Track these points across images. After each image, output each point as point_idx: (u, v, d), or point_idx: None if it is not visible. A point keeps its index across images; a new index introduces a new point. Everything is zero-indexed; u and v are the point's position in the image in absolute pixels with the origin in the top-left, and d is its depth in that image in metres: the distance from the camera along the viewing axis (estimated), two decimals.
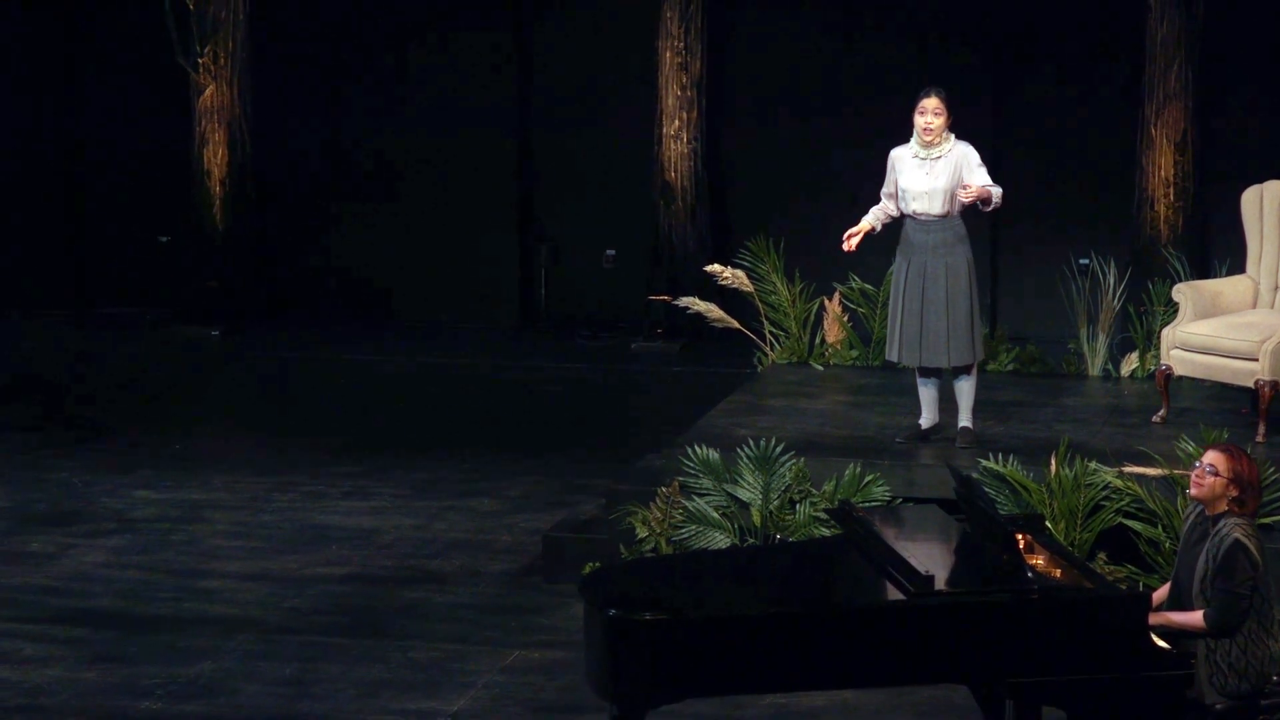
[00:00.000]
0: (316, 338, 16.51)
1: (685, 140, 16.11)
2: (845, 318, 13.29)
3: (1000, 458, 10.35)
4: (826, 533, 9.94)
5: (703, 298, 13.71)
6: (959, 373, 10.85)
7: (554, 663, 9.24)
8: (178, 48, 16.46)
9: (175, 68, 16.57)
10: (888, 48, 16.00)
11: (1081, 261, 13.70)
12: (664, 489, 10.37)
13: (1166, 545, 9.81)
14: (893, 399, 11.96)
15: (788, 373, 12.98)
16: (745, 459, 10.40)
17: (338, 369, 15.54)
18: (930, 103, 10.62)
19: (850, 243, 10.89)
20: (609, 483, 10.93)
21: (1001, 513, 8.64)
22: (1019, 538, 7.48)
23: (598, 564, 9.78)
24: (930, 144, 10.62)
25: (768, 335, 13.27)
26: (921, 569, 7.02)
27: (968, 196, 10.51)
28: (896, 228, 10.87)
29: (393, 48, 16.93)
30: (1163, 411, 11.46)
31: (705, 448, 10.53)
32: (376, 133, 17.02)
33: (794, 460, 10.39)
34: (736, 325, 13.41)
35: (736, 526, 10.27)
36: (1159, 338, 11.75)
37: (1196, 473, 7.42)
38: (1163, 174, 15.05)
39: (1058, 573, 7.40)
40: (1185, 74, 14.98)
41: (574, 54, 16.70)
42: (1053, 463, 10.15)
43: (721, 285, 13.34)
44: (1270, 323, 11.32)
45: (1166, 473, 10.14)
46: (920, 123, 10.63)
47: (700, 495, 10.38)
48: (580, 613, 7.24)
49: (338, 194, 17.15)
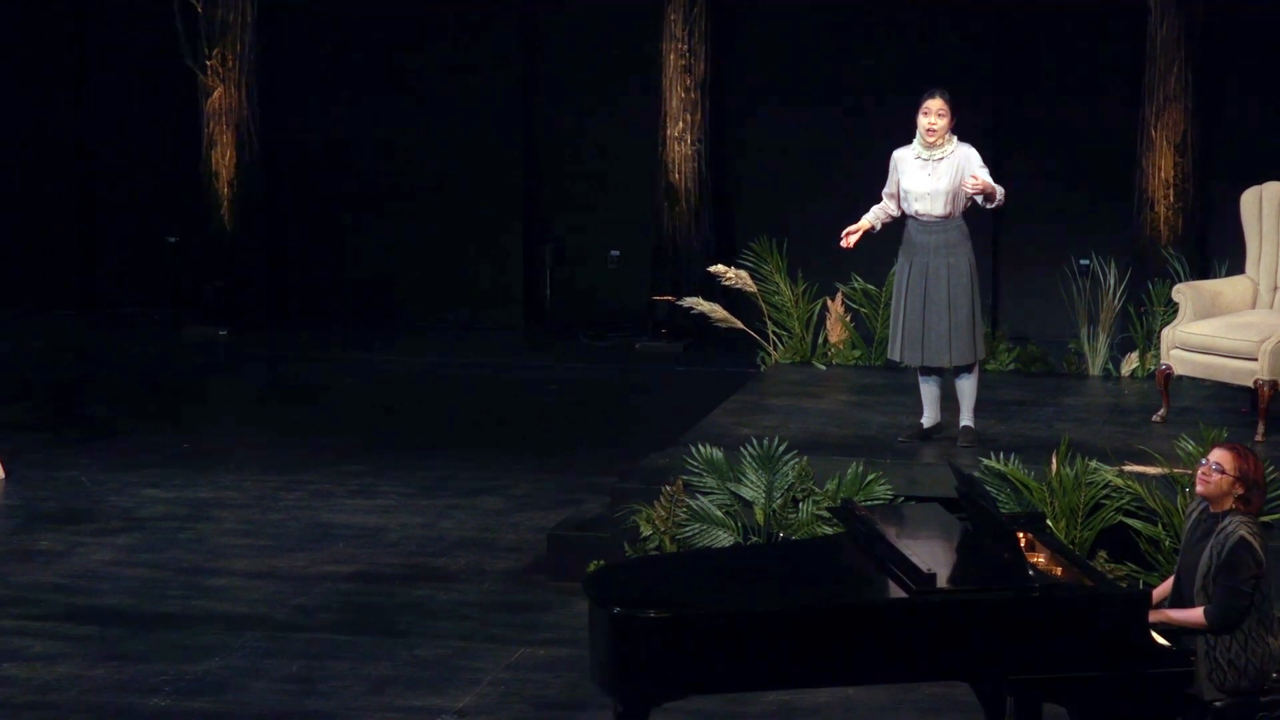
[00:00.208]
0: (323, 338, 16.55)
1: (689, 142, 16.15)
2: (848, 318, 13.31)
3: (1001, 456, 10.36)
4: (829, 531, 9.94)
5: (706, 298, 13.75)
6: (960, 372, 10.84)
7: (559, 660, 9.27)
8: (186, 50, 16.53)
9: (184, 70, 16.63)
10: (890, 50, 16.04)
11: (1082, 262, 13.73)
12: (668, 488, 10.39)
13: (1166, 543, 9.83)
14: (895, 398, 11.97)
15: (791, 372, 13.00)
16: (749, 458, 10.42)
17: (344, 369, 15.57)
18: (934, 104, 10.61)
19: (848, 239, 10.88)
20: (613, 481, 10.96)
21: (1003, 511, 8.64)
22: (1020, 536, 7.51)
23: (602, 562, 9.77)
24: (933, 145, 10.62)
25: (771, 335, 13.29)
26: (923, 567, 7.03)
27: (973, 188, 10.47)
28: (898, 228, 10.89)
29: (399, 51, 16.96)
30: (1163, 411, 11.47)
31: (709, 447, 10.55)
32: (383, 135, 17.06)
33: (797, 459, 10.41)
34: (740, 325, 13.44)
35: (740, 525, 10.28)
36: (1159, 338, 11.76)
37: (1203, 470, 7.41)
38: (1163, 175, 15.09)
39: (1059, 571, 7.41)
40: (1185, 76, 15.01)
41: (578, 56, 16.74)
42: (1053, 461, 10.17)
43: (725, 286, 13.36)
44: (1269, 323, 11.33)
45: (1166, 471, 10.14)
46: (924, 123, 10.62)
47: (704, 494, 10.40)
48: (585, 610, 7.23)
49: (344, 195, 17.18)
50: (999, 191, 10.57)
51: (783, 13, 16.35)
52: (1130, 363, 12.84)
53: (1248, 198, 11.94)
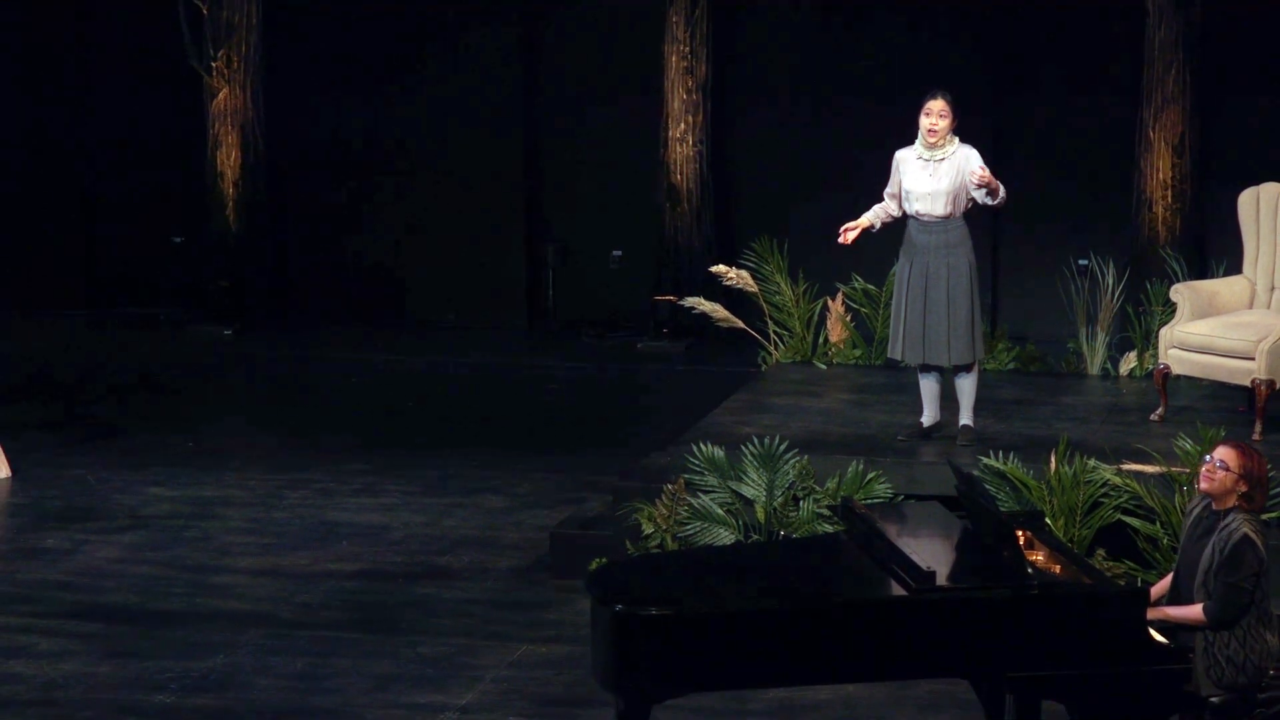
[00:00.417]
0: (327, 337, 16.57)
1: (691, 143, 16.19)
2: (848, 317, 13.33)
3: (1001, 455, 10.39)
4: (830, 529, 9.97)
5: (708, 298, 13.75)
6: (960, 371, 10.85)
7: (561, 657, 9.30)
8: (191, 51, 16.57)
9: (189, 71, 16.66)
10: (890, 50, 16.06)
11: (1081, 262, 13.77)
12: (670, 486, 10.41)
13: (1164, 541, 9.86)
14: (895, 397, 11.98)
15: (791, 371, 13.01)
16: (750, 456, 10.45)
17: (348, 368, 15.59)
18: (936, 104, 10.61)
19: (846, 235, 10.85)
20: (615, 480, 10.97)
21: (1002, 509, 8.66)
22: (1019, 534, 7.52)
23: (604, 560, 9.75)
24: (934, 145, 10.62)
25: (772, 335, 13.31)
26: (923, 565, 7.05)
27: (979, 180, 10.44)
28: (899, 229, 10.92)
29: (403, 52, 16.98)
30: (1161, 410, 11.48)
31: (710, 445, 10.58)
32: (387, 135, 17.09)
33: (798, 458, 10.44)
34: (741, 325, 13.45)
35: (741, 523, 10.31)
36: (1157, 337, 11.76)
37: (1207, 467, 7.43)
38: (1161, 176, 15.13)
39: (1057, 569, 7.43)
40: (1183, 77, 15.04)
41: (581, 57, 16.76)
42: (1052, 460, 10.19)
43: (726, 285, 13.36)
44: (1267, 322, 11.34)
45: (1164, 470, 10.15)
46: (925, 124, 10.62)
47: (705, 492, 10.43)
48: (587, 608, 7.25)
49: (348, 195, 17.21)
50: (1001, 189, 10.59)
51: (783, 14, 16.38)
52: (1128, 362, 12.85)
53: (1245, 198, 11.96)
